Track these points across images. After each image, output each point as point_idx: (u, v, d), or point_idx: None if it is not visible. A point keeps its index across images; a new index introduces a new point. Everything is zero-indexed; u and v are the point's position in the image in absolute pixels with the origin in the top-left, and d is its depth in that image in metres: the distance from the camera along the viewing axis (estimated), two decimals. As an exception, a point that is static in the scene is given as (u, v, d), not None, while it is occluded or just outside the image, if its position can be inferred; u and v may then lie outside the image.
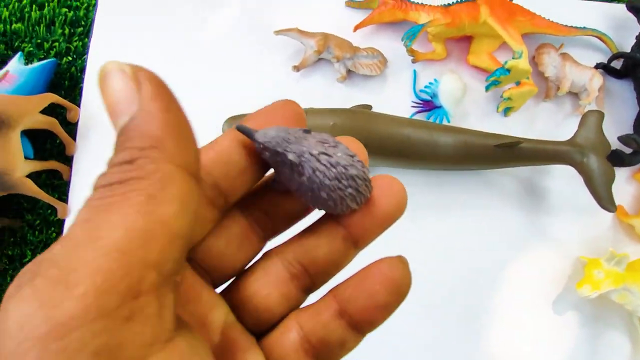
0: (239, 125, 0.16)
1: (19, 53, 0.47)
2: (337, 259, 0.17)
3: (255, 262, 0.18)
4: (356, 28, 0.48)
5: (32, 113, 0.42)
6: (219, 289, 0.18)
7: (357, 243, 0.17)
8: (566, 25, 0.49)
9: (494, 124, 0.48)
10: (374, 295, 0.16)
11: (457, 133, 0.43)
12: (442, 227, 0.46)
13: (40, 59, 0.49)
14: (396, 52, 0.49)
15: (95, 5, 0.50)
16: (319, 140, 0.16)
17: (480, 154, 0.43)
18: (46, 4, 0.50)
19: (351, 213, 0.17)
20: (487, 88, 0.45)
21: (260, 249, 0.18)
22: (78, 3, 0.50)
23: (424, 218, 0.46)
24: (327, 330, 0.17)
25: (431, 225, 0.46)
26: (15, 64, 0.46)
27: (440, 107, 0.47)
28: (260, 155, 0.17)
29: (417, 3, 0.48)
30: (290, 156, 0.16)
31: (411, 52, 0.47)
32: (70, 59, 0.49)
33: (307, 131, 0.17)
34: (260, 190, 0.18)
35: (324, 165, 0.16)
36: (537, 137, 0.45)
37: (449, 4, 0.48)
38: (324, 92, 0.48)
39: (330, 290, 0.18)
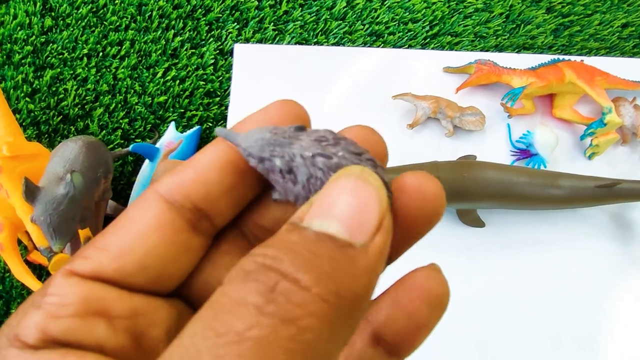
0: (218, 129, 0.14)
1: (173, 122, 0.54)
2: None
3: None
4: (458, 90, 0.56)
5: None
6: None
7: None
8: (634, 81, 0.57)
9: (581, 167, 0.56)
10: (415, 314, 0.14)
11: (561, 177, 0.50)
12: (540, 261, 0.52)
13: (184, 127, 0.56)
14: (491, 109, 0.57)
15: (229, 78, 0.58)
16: (315, 138, 0.14)
17: (583, 195, 0.50)
18: (187, 80, 0.58)
19: None
20: (582, 137, 0.52)
21: None
22: (214, 77, 0.58)
23: (526, 255, 0.52)
24: None
25: (529, 261, 0.52)
26: (173, 132, 0.53)
27: (536, 154, 0.54)
28: (249, 164, 0.14)
29: (509, 67, 0.56)
30: (278, 162, 0.14)
31: (508, 109, 0.55)
32: (210, 124, 0.56)
33: (301, 128, 0.14)
34: (260, 204, 0.16)
35: (321, 169, 0.13)
36: (618, 176, 0.52)
37: (534, 67, 0.56)
38: (435, 145, 0.55)
39: None
